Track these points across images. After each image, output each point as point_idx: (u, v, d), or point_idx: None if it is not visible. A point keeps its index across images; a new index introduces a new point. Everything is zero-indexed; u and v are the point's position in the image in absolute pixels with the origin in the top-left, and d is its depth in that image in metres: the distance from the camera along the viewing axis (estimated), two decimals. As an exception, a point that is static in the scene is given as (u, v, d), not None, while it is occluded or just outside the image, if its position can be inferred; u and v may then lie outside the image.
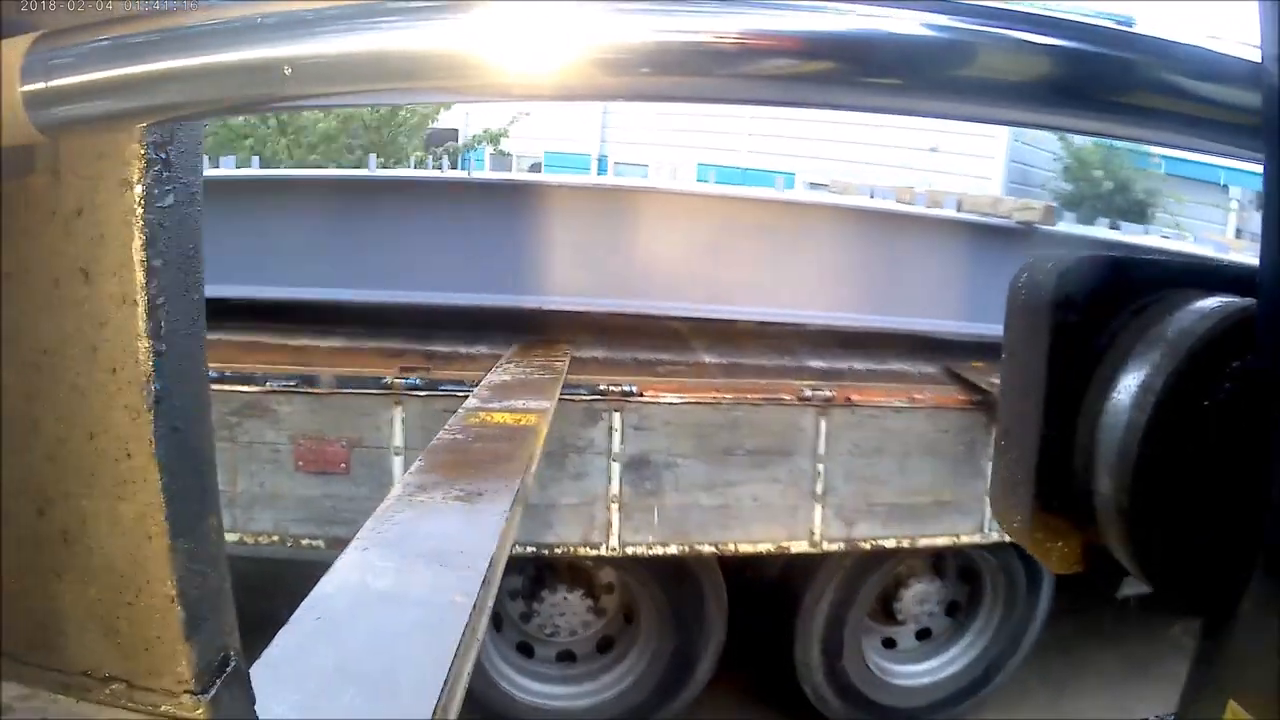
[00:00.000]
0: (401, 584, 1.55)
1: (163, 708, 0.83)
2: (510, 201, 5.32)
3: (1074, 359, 0.55)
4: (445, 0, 0.56)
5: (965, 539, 4.40)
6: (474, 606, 1.47)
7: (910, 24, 0.53)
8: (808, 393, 4.23)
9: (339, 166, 10.88)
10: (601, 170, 16.82)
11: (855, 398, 4.28)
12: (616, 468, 4.10)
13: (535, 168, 14.83)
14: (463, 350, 4.72)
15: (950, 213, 5.89)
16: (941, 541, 4.43)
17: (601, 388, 4.10)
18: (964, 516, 4.36)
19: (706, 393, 4.22)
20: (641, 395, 4.11)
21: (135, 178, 0.72)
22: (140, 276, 0.73)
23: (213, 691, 0.83)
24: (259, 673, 0.95)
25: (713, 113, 15.57)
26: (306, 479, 3.89)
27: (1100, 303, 0.55)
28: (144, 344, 0.74)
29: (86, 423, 0.77)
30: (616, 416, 4.10)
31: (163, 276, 0.74)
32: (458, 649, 1.30)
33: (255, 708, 0.91)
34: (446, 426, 2.89)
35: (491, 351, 4.59)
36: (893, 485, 4.29)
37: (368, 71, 0.57)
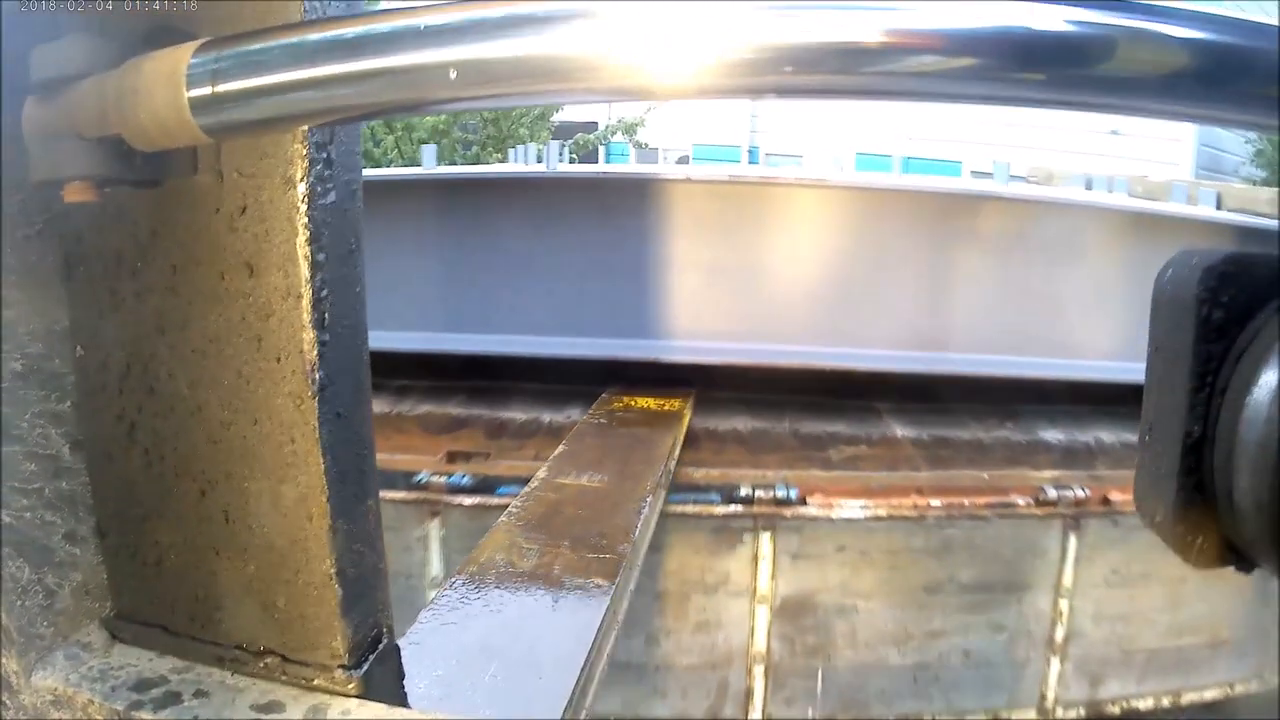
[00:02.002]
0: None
1: (316, 681, 0.87)
2: (627, 202, 4.15)
3: (1217, 355, 0.55)
4: (599, 3, 0.58)
5: (1240, 688, 3.14)
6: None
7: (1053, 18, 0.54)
8: (1050, 493, 2.96)
9: (452, 163, 10.50)
10: (753, 160, 15.85)
11: (1116, 497, 2.98)
12: (763, 614, 2.86)
13: (683, 160, 13.82)
14: (545, 419, 3.65)
15: (1211, 212, 4.51)
16: (1211, 695, 3.13)
17: (743, 492, 2.82)
18: (1239, 659, 3.13)
19: (904, 497, 2.93)
20: (804, 504, 2.84)
21: (299, 176, 0.76)
22: (305, 271, 0.77)
23: (365, 666, 0.87)
24: (407, 649, 0.98)
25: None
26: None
27: (1245, 299, 0.55)
28: (308, 334, 0.77)
29: (250, 409, 0.81)
30: (765, 540, 2.84)
31: (326, 270, 0.78)
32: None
33: (404, 683, 0.95)
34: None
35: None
36: (1159, 624, 3.05)
37: (529, 73, 0.59)
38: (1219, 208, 4.71)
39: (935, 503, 2.88)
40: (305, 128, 0.74)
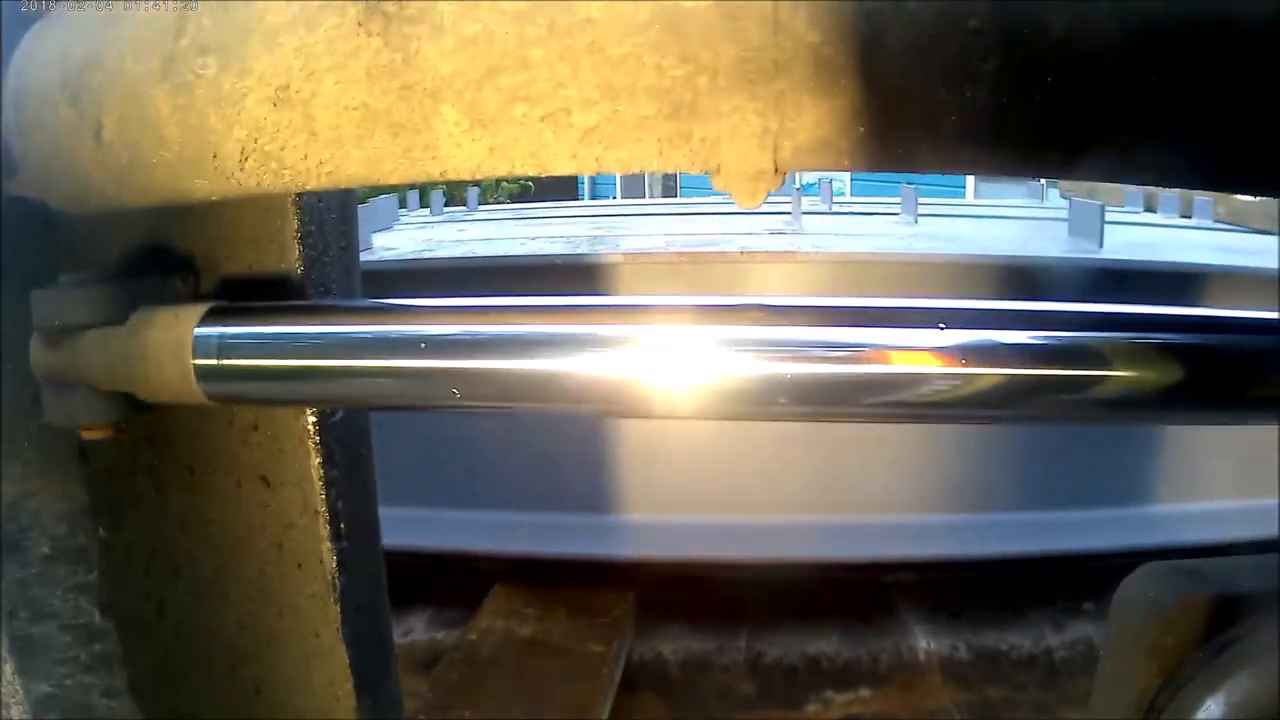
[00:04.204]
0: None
1: None
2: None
3: (1156, 686, 0.59)
4: (610, 331, 0.60)
5: None
6: None
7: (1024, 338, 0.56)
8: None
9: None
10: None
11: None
12: None
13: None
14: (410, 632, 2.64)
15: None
16: None
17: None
18: None
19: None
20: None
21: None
22: (319, 488, 0.80)
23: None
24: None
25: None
26: None
27: (1185, 630, 0.58)
28: (327, 546, 0.81)
29: (276, 603, 0.85)
30: None
31: (340, 485, 0.81)
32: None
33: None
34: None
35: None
36: None
37: (529, 392, 0.61)
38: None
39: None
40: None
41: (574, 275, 2.82)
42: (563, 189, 12.21)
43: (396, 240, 3.75)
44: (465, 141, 0.58)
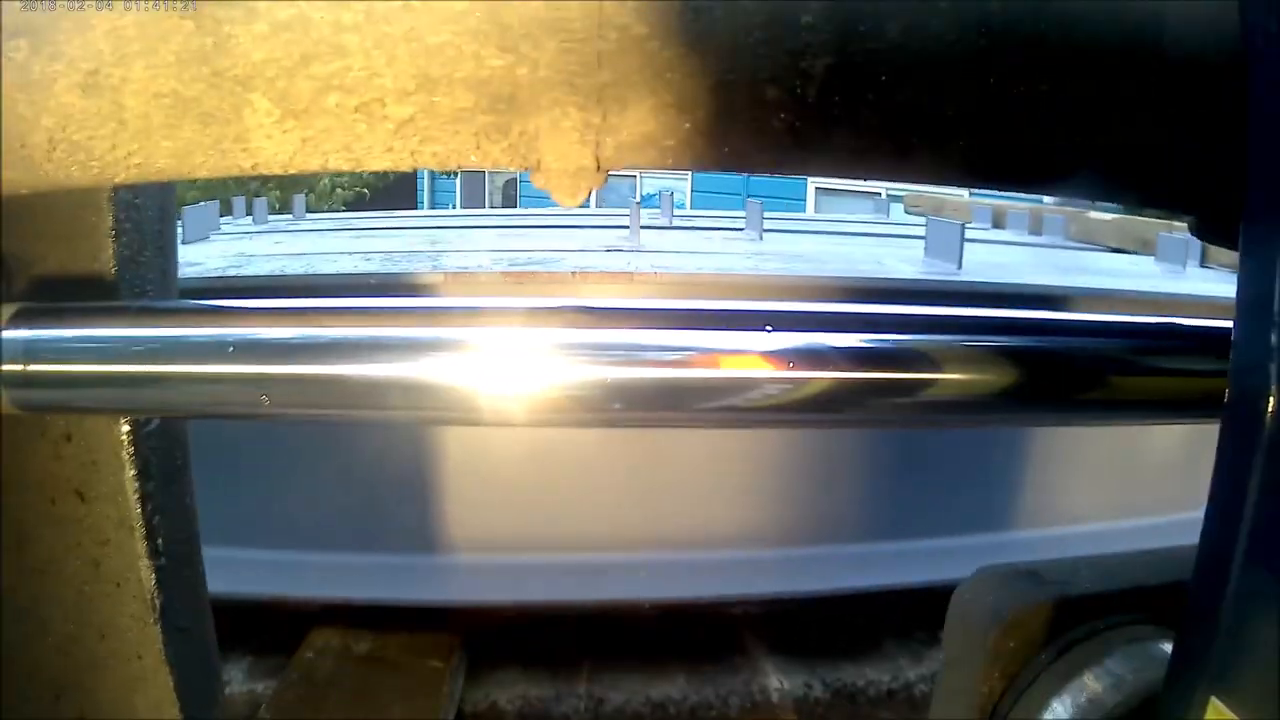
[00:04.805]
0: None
1: None
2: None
3: (999, 690, 0.59)
4: (433, 335, 0.57)
5: None
6: None
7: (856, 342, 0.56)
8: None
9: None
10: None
11: None
12: None
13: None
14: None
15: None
16: None
17: None
18: None
19: None
20: None
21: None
22: (134, 502, 0.75)
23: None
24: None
25: None
26: None
27: (1028, 635, 0.58)
28: (145, 563, 0.77)
29: (96, 625, 0.80)
30: None
31: (156, 499, 0.77)
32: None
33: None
34: None
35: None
36: None
37: (349, 399, 0.58)
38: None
39: None
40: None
41: (389, 290, 2.60)
42: (402, 197, 11.98)
43: (206, 253, 3.23)
44: (276, 133, 0.55)
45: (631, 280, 2.58)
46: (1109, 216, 4.45)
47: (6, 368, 0.64)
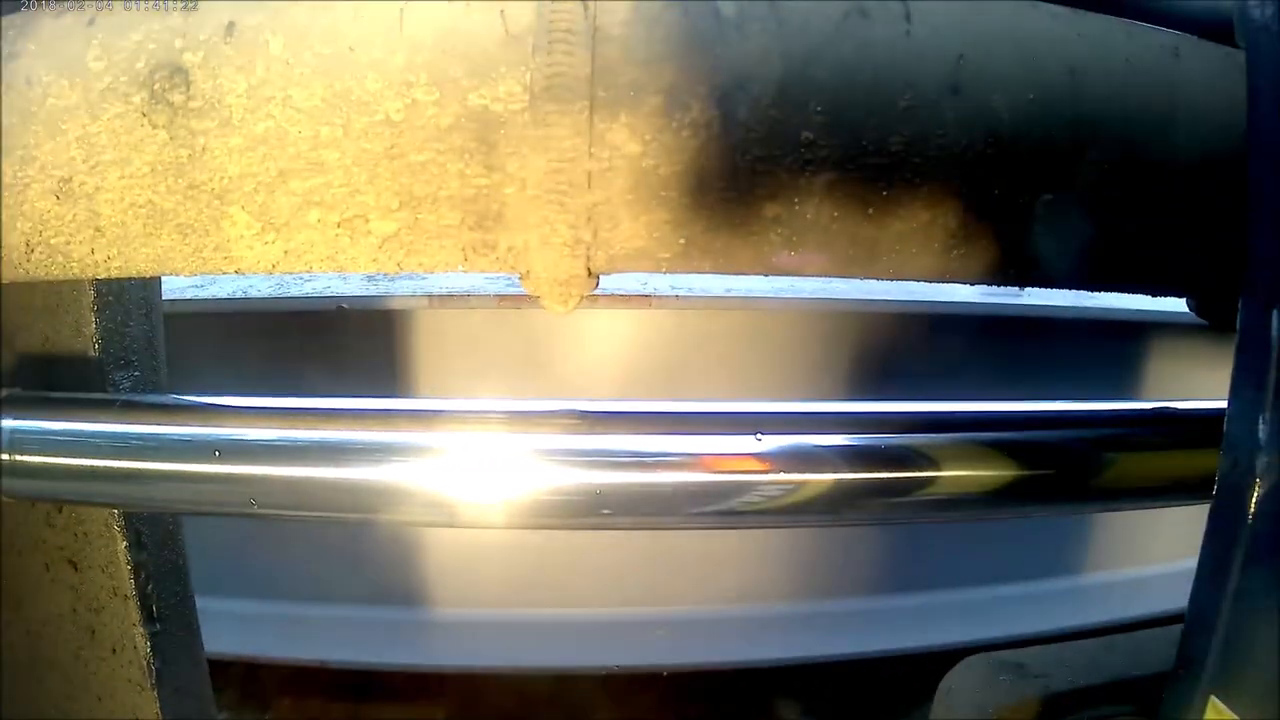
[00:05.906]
0: None
1: None
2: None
3: None
4: (422, 440, 0.57)
5: None
6: None
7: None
8: None
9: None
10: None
11: None
12: None
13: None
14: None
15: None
16: None
17: None
18: None
19: None
20: None
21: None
22: (127, 572, 0.75)
23: None
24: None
25: None
26: None
27: None
28: (140, 631, 0.76)
29: (93, 688, 0.80)
30: None
31: (149, 568, 0.76)
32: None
33: None
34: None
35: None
36: None
37: (334, 502, 0.58)
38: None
39: None
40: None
41: (366, 321, 2.18)
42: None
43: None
44: (258, 245, 0.54)
45: (650, 305, 2.19)
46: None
47: (-10, 456, 0.63)
